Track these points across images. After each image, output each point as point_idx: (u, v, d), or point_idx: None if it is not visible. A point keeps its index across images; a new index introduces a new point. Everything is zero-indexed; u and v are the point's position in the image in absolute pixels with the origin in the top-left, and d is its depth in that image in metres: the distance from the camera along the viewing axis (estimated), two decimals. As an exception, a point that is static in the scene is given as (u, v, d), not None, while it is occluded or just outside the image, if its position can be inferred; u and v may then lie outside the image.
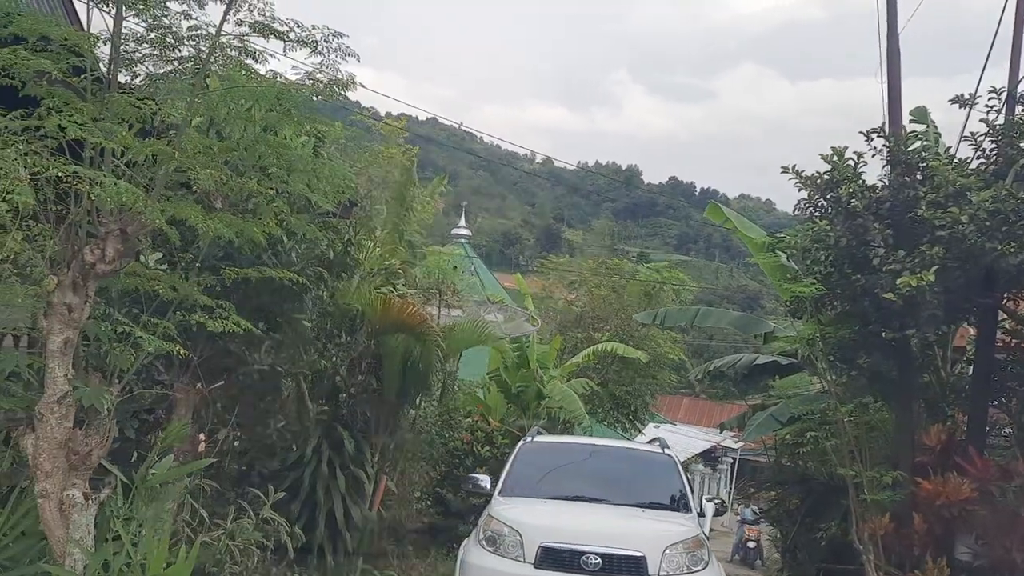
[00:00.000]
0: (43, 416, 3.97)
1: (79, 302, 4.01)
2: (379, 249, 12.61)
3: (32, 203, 3.36)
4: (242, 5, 4.31)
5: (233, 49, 4.20)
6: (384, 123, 18.86)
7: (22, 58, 3.65)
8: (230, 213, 4.68)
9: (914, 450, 9.12)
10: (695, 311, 13.37)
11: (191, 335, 5.84)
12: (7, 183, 3.23)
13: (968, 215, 7.30)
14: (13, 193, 3.19)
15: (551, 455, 10.12)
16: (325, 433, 10.13)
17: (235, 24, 4.33)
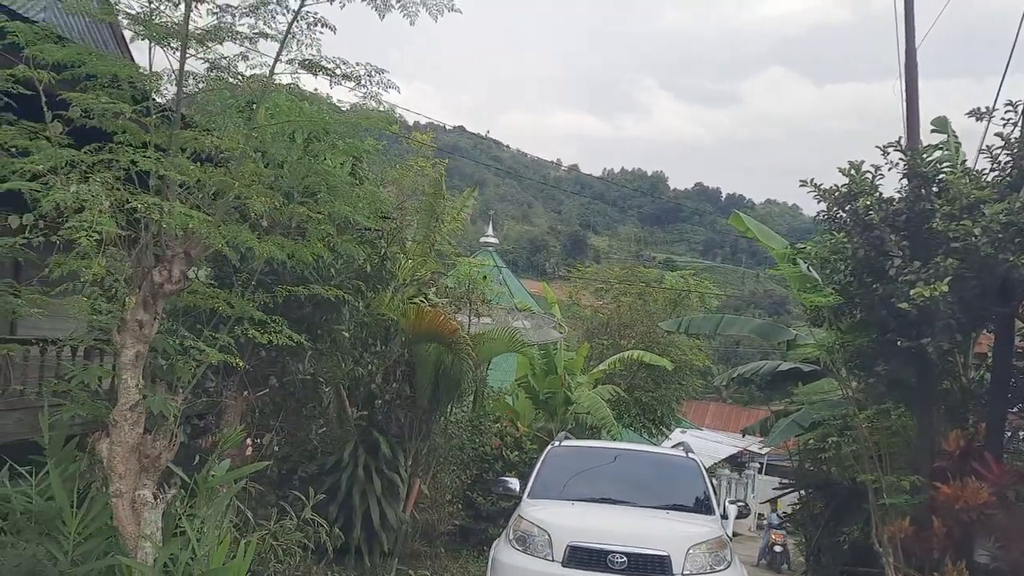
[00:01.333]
0: (117, 423, 4.40)
1: (149, 319, 4.43)
2: (411, 261, 13.01)
3: (115, 232, 3.78)
4: (292, 45, 4.71)
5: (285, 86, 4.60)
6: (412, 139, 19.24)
7: (104, 102, 4.07)
8: (280, 235, 5.09)
9: (933, 455, 9.32)
10: (719, 319, 13.62)
11: (239, 346, 6.27)
12: (93, 214, 3.65)
13: (981, 227, 7.53)
14: (98, 224, 3.60)
15: (578, 459, 10.32)
16: (361, 438, 10.56)
17: (286, 63, 4.73)
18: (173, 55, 4.70)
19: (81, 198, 3.69)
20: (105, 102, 4.07)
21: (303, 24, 4.54)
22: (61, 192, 3.70)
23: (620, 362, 19.72)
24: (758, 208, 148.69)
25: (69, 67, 4.48)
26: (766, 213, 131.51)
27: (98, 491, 4.87)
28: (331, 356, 9.38)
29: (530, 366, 17.70)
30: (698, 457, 10.38)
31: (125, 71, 4.48)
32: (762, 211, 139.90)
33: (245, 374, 7.75)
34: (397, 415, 11.35)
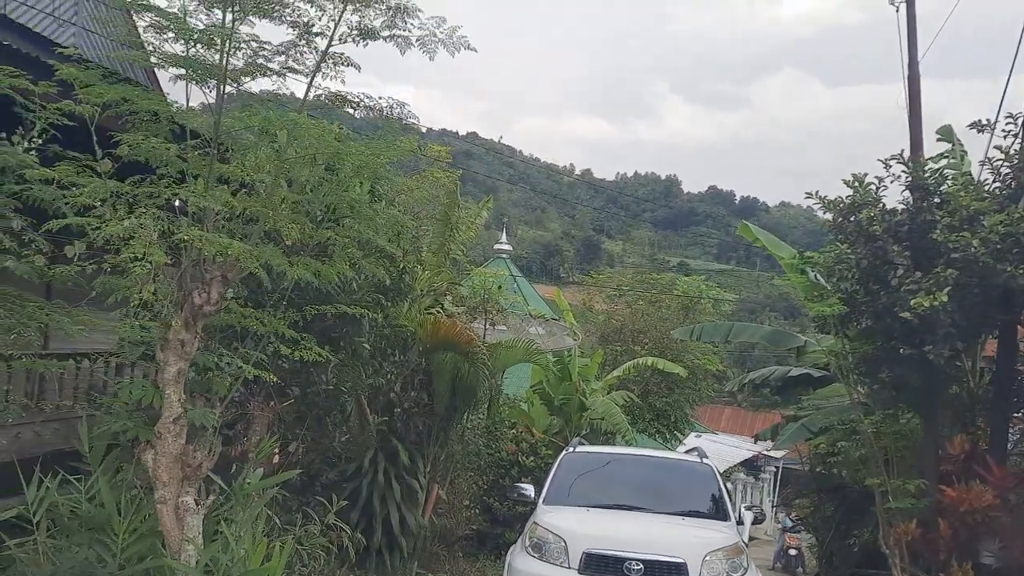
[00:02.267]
0: (161, 434, 4.75)
1: (190, 338, 4.79)
2: (427, 272, 13.34)
3: (164, 261, 4.14)
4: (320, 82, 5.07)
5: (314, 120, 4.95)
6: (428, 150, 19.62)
7: (152, 144, 4.43)
8: (308, 256, 5.43)
9: (939, 459, 9.55)
10: (729, 327, 13.86)
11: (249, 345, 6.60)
12: (144, 245, 4.00)
13: (980, 239, 7.78)
14: (149, 254, 3.95)
15: (593, 464, 10.42)
16: (381, 445, 10.88)
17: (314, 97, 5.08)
18: (209, 91, 5.06)
19: (132, 230, 4.03)
20: (154, 144, 4.43)
21: (330, 62, 4.88)
22: (116, 225, 4.05)
23: (634, 368, 20.00)
24: (772, 211, 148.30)
25: (114, 105, 4.84)
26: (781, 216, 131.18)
27: (143, 498, 5.22)
28: (352, 367, 9.72)
29: (545, 373, 17.98)
30: (712, 462, 10.43)
31: (165, 108, 4.84)
32: (777, 214, 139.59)
33: (270, 385, 8.09)
34: (415, 423, 11.67)
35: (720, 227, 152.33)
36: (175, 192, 4.45)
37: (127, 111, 4.99)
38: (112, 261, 4.16)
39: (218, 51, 4.46)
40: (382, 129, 5.38)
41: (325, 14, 4.72)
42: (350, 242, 5.31)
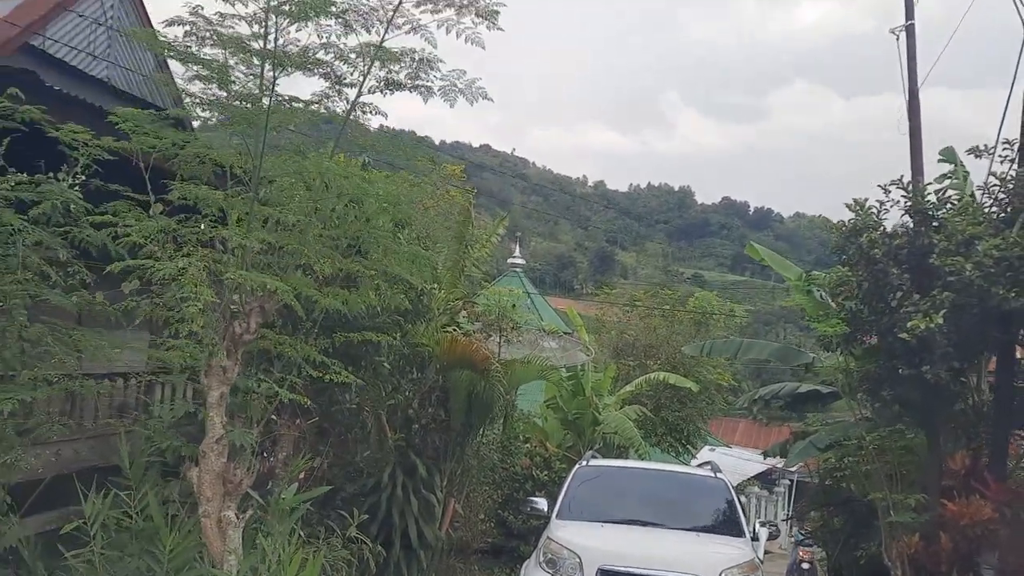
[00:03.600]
0: (205, 454, 5.18)
1: (231, 364, 5.22)
2: (443, 291, 13.77)
3: (213, 299, 4.57)
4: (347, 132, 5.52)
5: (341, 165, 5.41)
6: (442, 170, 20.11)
7: (202, 191, 4.89)
8: (337, 286, 5.87)
9: (941, 474, 9.85)
10: (739, 343, 14.20)
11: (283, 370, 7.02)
12: (194, 284, 4.45)
13: (973, 263, 8.13)
14: (200, 294, 4.40)
15: (606, 479, 10.45)
16: (400, 460, 11.28)
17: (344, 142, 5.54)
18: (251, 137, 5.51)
19: (183, 271, 4.48)
20: (204, 191, 4.89)
21: (358, 111, 5.33)
22: (169, 266, 4.50)
23: (646, 383, 20.31)
24: (787, 222, 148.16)
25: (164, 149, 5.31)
26: (795, 226, 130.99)
27: (183, 512, 5.65)
28: (373, 385, 10.13)
29: (558, 388, 18.33)
30: (726, 476, 10.40)
31: (214, 155, 5.30)
32: (791, 224, 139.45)
33: (296, 404, 8.51)
34: (432, 438, 12.05)
35: (734, 238, 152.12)
36: (219, 233, 4.89)
37: (174, 153, 5.46)
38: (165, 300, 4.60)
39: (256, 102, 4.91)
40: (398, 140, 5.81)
41: (356, 69, 5.16)
42: (376, 274, 5.74)
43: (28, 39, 10.51)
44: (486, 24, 5.12)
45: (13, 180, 5.26)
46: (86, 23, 11.55)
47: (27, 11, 10.88)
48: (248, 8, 5.00)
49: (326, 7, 4.74)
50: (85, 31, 11.68)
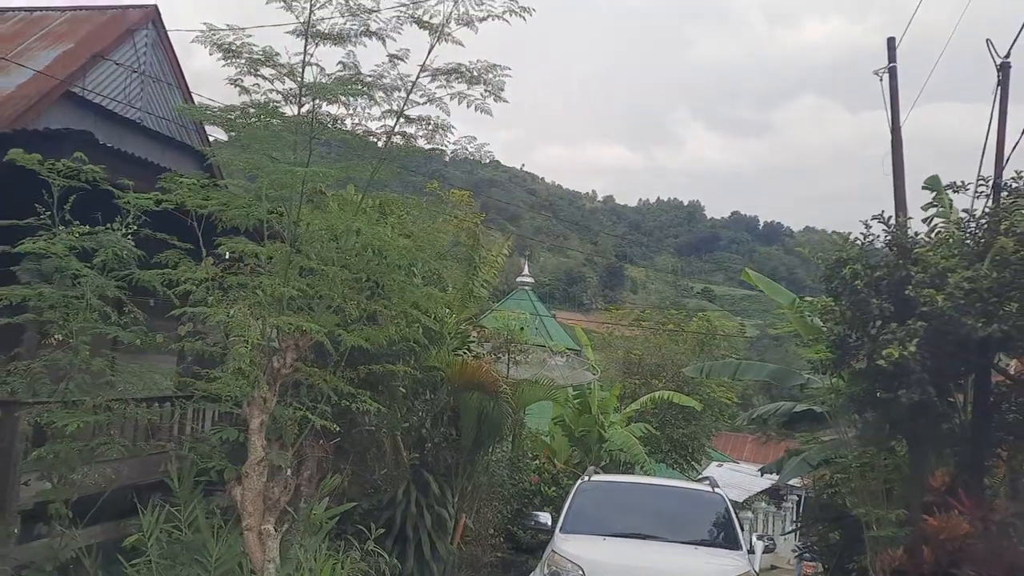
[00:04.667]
0: (248, 474, 5.90)
1: (270, 395, 5.95)
2: (454, 316, 14.47)
3: (259, 340, 5.31)
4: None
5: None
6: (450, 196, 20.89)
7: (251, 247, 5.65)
8: (361, 324, 6.61)
9: (923, 491, 10.46)
10: (736, 365, 14.84)
11: (316, 399, 7.76)
12: (243, 329, 5.19)
13: (945, 294, 8.78)
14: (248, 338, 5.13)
15: (608, 493, 10.90)
16: (413, 477, 11.97)
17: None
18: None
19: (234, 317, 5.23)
20: (249, 246, 5.64)
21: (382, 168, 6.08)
22: (221, 312, 5.25)
23: (651, 401, 20.95)
24: (797, 236, 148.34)
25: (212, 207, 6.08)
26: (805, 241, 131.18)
27: (224, 525, 6.37)
28: (389, 408, 10.83)
29: (565, 406, 18.98)
30: (723, 491, 10.79)
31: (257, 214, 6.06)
32: (801, 239, 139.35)
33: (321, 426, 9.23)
34: (444, 456, 12.73)
35: (744, 252, 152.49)
36: (261, 283, 5.63)
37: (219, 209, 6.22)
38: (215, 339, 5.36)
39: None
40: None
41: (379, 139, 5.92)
42: (396, 314, 6.47)
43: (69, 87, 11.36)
44: (492, 97, 5.86)
45: (77, 232, 6.02)
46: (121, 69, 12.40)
47: (68, 60, 11.75)
48: (285, 85, 5.76)
49: (354, 90, 5.49)
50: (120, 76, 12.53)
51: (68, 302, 5.79)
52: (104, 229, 6.26)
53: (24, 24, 13.01)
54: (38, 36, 12.45)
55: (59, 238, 5.89)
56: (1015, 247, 8.57)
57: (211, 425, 9.09)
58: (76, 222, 6.27)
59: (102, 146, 7.23)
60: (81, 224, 6.39)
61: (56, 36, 12.41)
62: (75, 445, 5.71)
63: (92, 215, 6.57)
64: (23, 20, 13.17)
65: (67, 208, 6.03)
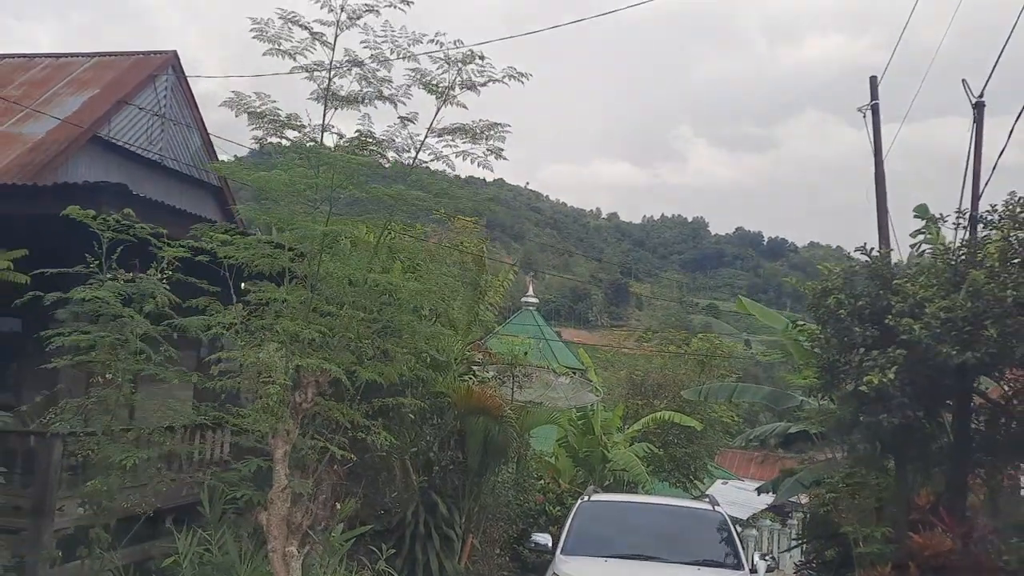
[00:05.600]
0: (273, 501, 6.47)
1: (293, 427, 6.53)
2: (459, 339, 15.02)
3: (285, 381, 5.90)
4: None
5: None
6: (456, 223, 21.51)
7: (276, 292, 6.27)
8: (375, 360, 7.20)
9: (909, 509, 10.96)
10: (733, 387, 15.39)
11: (331, 430, 8.35)
12: (271, 370, 5.78)
13: (922, 324, 9.33)
14: (275, 379, 5.73)
15: (608, 513, 11.01)
16: (422, 499, 12.50)
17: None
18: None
19: (264, 360, 5.83)
20: (275, 292, 6.26)
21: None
22: (252, 356, 5.85)
23: (653, 421, 21.42)
24: (802, 251, 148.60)
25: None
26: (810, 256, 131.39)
27: (250, 547, 6.95)
28: (399, 434, 11.38)
29: (568, 428, 19.46)
30: (725, 510, 10.92)
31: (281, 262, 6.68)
32: (806, 254, 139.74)
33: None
34: (452, 478, 13.28)
35: (749, 268, 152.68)
36: (286, 327, 6.24)
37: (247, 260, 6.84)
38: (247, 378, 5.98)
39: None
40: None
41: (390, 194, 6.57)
42: (407, 351, 7.06)
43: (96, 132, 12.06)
44: (494, 155, 6.49)
45: (122, 279, 6.66)
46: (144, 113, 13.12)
47: (94, 106, 12.47)
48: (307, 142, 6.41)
49: (367, 159, 6.14)
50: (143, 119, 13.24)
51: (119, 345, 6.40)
52: (144, 276, 6.90)
53: (52, 70, 13.72)
54: (65, 82, 13.16)
55: (107, 285, 6.52)
56: (986, 279, 9.12)
57: (227, 450, 9.69)
58: (121, 270, 6.91)
59: (136, 196, 7.88)
60: (118, 268, 7.03)
61: (82, 82, 13.12)
62: (124, 477, 6.29)
63: (130, 261, 7.19)
64: (51, 66, 13.89)
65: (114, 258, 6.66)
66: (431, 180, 7.13)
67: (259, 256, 6.54)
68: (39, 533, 8.40)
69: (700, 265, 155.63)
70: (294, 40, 6.42)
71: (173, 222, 7.93)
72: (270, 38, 6.37)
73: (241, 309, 6.39)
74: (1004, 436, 10.64)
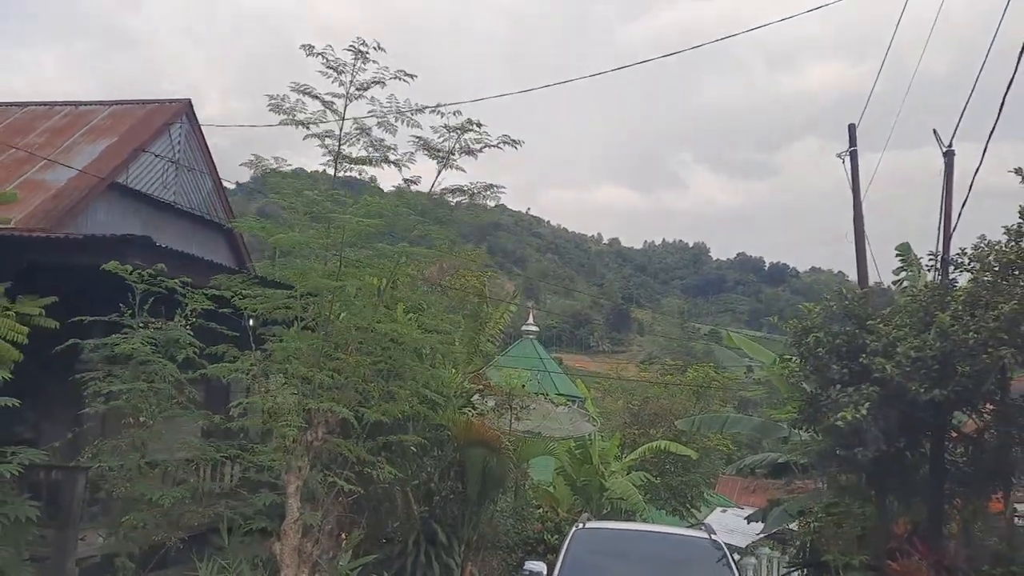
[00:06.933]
0: (286, 532, 7.05)
1: (305, 464, 7.13)
2: (459, 371, 15.58)
3: (301, 424, 6.51)
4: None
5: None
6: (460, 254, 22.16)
7: (289, 339, 6.89)
8: (379, 401, 7.80)
9: (888, 537, 11.48)
10: (724, 418, 15.93)
11: (340, 464, 8.94)
12: (287, 413, 6.39)
13: (894, 363, 9.92)
14: (291, 422, 6.34)
15: (602, 541, 10.89)
16: (423, 528, 13.01)
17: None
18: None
19: (281, 403, 6.44)
20: (294, 343, 6.89)
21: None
22: (270, 401, 6.47)
23: (649, 451, 21.88)
24: (803, 277, 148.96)
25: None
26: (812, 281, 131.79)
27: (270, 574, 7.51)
28: (401, 466, 11.92)
29: (566, 458, 19.93)
30: (720, 538, 10.79)
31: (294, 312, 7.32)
32: (807, 279, 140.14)
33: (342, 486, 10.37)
34: (451, 508, 13.78)
35: (750, 293, 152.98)
36: (301, 372, 6.86)
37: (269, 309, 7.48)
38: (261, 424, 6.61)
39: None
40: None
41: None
42: (409, 392, 7.68)
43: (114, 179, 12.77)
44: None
45: (152, 327, 7.30)
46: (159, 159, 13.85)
47: (112, 154, 13.18)
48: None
49: (374, 225, 6.85)
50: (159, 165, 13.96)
51: (152, 391, 7.04)
52: (170, 325, 7.56)
53: (71, 118, 14.45)
54: (84, 131, 13.89)
55: (139, 333, 7.17)
56: (951, 322, 9.72)
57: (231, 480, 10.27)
58: (151, 318, 7.55)
59: (160, 248, 8.52)
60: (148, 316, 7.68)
61: (100, 131, 13.84)
62: (157, 512, 6.89)
63: (156, 308, 7.83)
64: (70, 114, 14.63)
65: (146, 308, 7.32)
66: (433, 210, 7.75)
67: (275, 307, 7.17)
68: (63, 561, 8.99)
69: (702, 291, 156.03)
70: (308, 111, 7.10)
71: (193, 268, 8.59)
72: (286, 110, 7.04)
73: (259, 356, 7.00)
74: (977, 468, 11.17)
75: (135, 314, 7.36)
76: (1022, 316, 9.22)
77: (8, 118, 14.66)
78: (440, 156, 7.32)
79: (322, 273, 7.02)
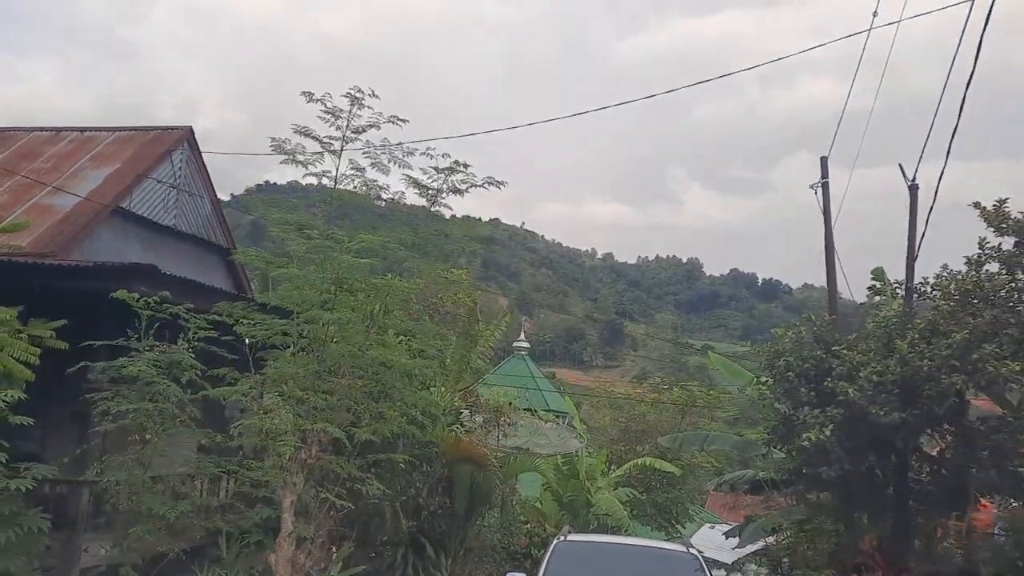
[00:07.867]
0: (281, 545, 7.58)
1: (299, 480, 7.67)
2: (448, 387, 16.07)
3: (296, 443, 7.06)
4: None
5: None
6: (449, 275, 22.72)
7: (286, 363, 7.45)
8: (370, 421, 8.35)
9: (856, 553, 12.02)
10: (705, 435, 16.48)
11: (332, 480, 9.49)
12: (284, 432, 6.94)
13: (856, 387, 10.50)
14: (287, 441, 6.89)
15: (583, 553, 11.25)
16: (411, 542, 13.50)
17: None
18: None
19: (278, 423, 7.00)
20: (291, 369, 7.46)
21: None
22: (268, 423, 7.02)
23: (635, 467, 22.37)
24: (796, 293, 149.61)
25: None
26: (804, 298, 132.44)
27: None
28: (390, 482, 12.44)
29: (552, 474, 20.41)
30: (699, 552, 11.19)
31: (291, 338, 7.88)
32: (800, 296, 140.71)
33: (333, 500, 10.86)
34: (439, 523, 14.29)
35: (743, 309, 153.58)
36: (299, 395, 7.41)
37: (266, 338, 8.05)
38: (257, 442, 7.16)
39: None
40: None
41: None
42: (399, 413, 8.24)
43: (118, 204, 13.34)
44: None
45: (157, 350, 7.86)
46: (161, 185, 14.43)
47: (116, 180, 13.75)
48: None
49: (366, 265, 7.45)
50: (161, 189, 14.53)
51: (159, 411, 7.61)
52: (174, 348, 8.12)
53: (77, 144, 15.01)
54: (89, 157, 14.45)
55: (144, 356, 7.73)
56: (909, 349, 10.33)
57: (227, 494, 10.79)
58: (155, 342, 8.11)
59: (165, 275, 9.07)
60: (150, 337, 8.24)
61: (105, 157, 14.40)
62: (161, 524, 7.42)
63: (161, 332, 8.38)
64: (76, 140, 15.18)
65: (151, 333, 7.89)
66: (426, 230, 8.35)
67: (273, 334, 7.73)
68: (68, 570, 9.48)
69: (695, 306, 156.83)
70: (307, 153, 7.70)
71: (195, 294, 9.14)
72: (287, 152, 7.63)
73: (258, 379, 7.56)
74: (939, 487, 11.74)
75: (140, 338, 7.92)
76: (974, 344, 9.82)
77: (16, 143, 15.20)
78: (429, 195, 7.90)
79: (318, 302, 7.59)
